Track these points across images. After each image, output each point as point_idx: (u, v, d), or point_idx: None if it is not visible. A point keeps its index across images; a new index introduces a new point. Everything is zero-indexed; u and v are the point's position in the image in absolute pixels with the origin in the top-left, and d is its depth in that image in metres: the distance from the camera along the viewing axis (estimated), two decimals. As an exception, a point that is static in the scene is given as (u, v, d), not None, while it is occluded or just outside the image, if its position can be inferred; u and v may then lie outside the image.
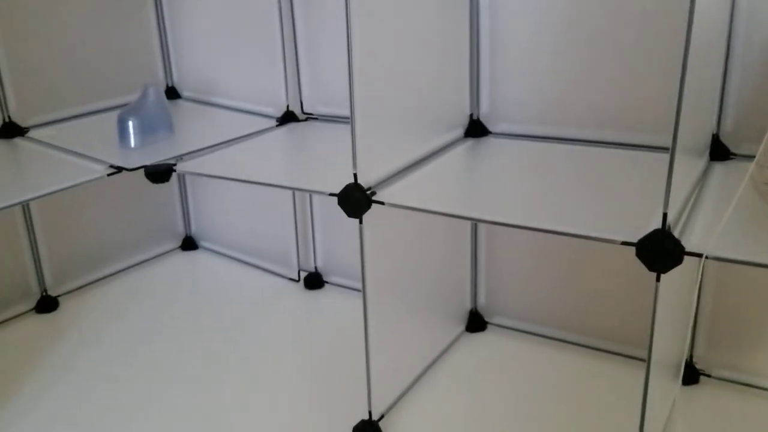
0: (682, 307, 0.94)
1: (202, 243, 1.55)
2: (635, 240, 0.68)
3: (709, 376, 1.02)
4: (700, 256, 0.66)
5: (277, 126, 1.27)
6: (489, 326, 1.20)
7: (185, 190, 1.52)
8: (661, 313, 0.71)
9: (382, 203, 0.86)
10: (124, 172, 1.06)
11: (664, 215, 0.67)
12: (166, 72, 1.45)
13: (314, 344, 1.18)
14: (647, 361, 0.72)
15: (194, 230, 1.55)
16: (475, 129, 1.09)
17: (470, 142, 1.07)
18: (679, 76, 0.62)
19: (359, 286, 1.33)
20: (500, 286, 1.17)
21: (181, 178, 1.51)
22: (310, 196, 1.33)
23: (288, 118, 1.28)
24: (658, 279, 0.68)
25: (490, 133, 1.09)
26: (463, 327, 1.19)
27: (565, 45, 0.99)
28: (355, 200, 0.86)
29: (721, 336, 1.00)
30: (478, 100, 1.08)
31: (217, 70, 1.38)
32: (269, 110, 1.30)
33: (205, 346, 1.18)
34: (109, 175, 1.05)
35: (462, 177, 0.95)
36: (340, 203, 0.87)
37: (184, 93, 1.45)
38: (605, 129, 1.00)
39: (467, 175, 0.96)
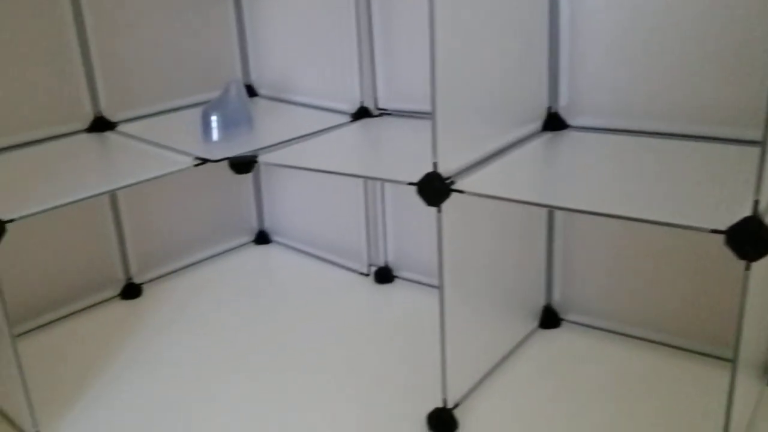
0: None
1: (275, 238, 1.59)
2: (725, 227, 0.67)
3: (796, 377, 0.99)
4: (794, 244, 0.64)
5: (350, 121, 1.29)
6: (563, 323, 1.19)
7: (260, 186, 1.56)
8: (750, 304, 0.69)
9: (461, 192, 0.87)
10: (206, 164, 1.10)
11: (756, 202, 0.66)
12: (244, 71, 1.50)
13: (385, 336, 1.20)
14: (734, 359, 0.70)
15: (267, 225, 1.59)
16: (553, 122, 1.08)
17: (548, 135, 1.07)
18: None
19: (430, 281, 1.34)
20: (576, 282, 1.16)
21: (257, 174, 1.55)
22: (382, 191, 1.35)
23: (362, 113, 1.30)
24: (747, 268, 0.67)
25: (569, 126, 1.09)
26: (536, 323, 1.18)
27: (651, 35, 0.98)
28: (435, 189, 0.87)
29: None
30: (557, 92, 1.08)
31: (293, 68, 1.42)
32: (343, 106, 1.33)
33: (278, 336, 1.21)
34: (195, 165, 1.09)
35: (541, 168, 0.95)
36: (419, 192, 0.89)
37: (261, 91, 1.49)
38: (689, 122, 0.98)
39: (546, 166, 0.96)
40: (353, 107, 1.31)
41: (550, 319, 1.18)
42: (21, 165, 1.14)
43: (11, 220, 0.91)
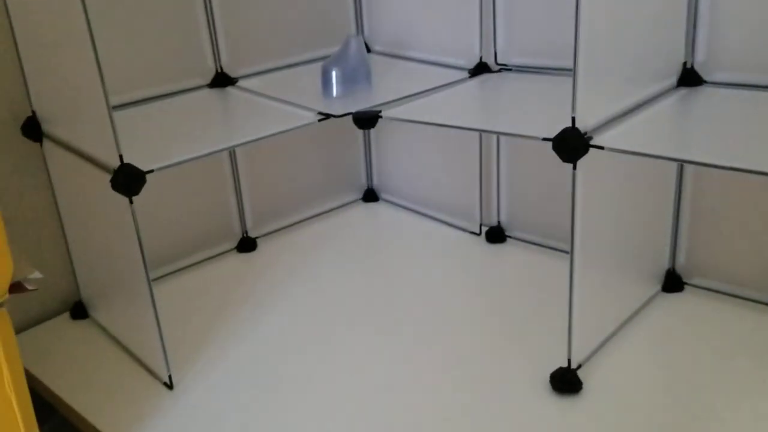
0: None
1: (383, 195, 1.60)
2: None
3: None
4: None
5: (469, 77, 1.27)
6: (687, 287, 1.14)
7: (369, 143, 1.57)
8: None
9: (600, 148, 0.84)
10: (319, 121, 1.10)
11: None
12: (358, 27, 1.49)
13: (501, 295, 1.19)
14: None
15: (376, 183, 1.60)
16: (689, 78, 1.03)
17: (683, 91, 1.02)
18: None
19: (543, 241, 1.32)
20: (702, 245, 1.11)
21: (366, 131, 1.55)
22: (498, 148, 1.33)
23: (480, 69, 1.27)
24: None
25: (705, 82, 1.03)
26: (659, 287, 1.15)
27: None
28: (572, 145, 0.85)
29: None
30: (694, 47, 1.02)
31: (409, 24, 1.40)
32: (461, 62, 1.30)
33: (390, 293, 1.22)
34: (318, 121, 1.10)
35: (679, 124, 0.91)
36: (554, 148, 0.86)
37: (375, 47, 1.49)
38: None
39: (684, 122, 0.92)
40: (471, 63, 1.28)
41: (673, 282, 1.14)
42: (149, 119, 1.18)
43: (151, 171, 0.94)
